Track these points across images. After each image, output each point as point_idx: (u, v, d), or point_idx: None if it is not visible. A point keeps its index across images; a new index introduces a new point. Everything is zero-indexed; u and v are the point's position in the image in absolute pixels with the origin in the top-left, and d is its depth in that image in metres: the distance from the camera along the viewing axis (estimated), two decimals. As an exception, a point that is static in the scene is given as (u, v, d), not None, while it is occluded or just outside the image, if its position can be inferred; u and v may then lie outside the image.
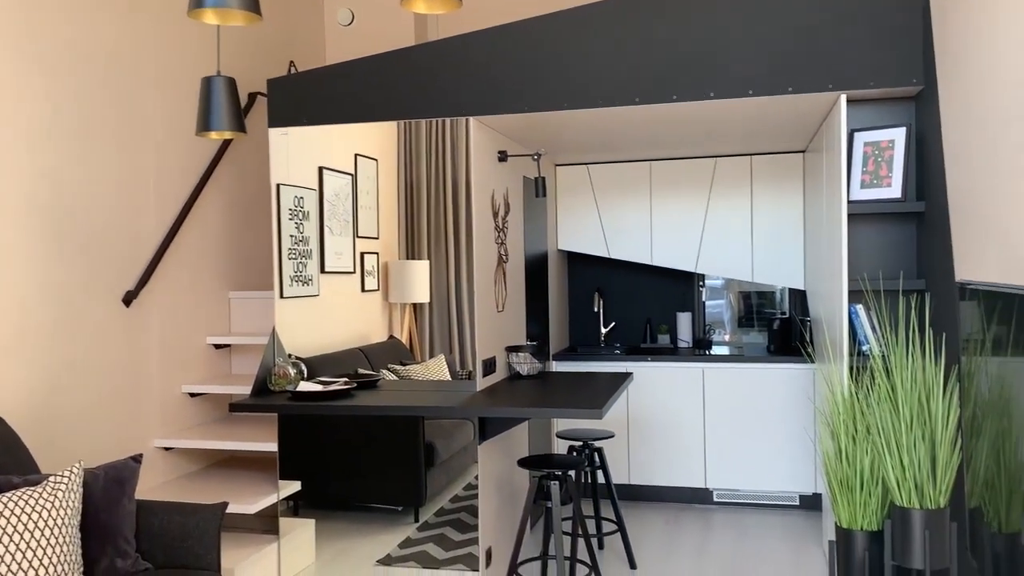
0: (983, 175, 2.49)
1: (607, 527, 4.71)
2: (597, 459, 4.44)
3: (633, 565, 4.08)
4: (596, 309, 5.69)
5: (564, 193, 5.51)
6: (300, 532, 4.10)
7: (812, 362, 4.82)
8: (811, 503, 4.96)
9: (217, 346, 4.50)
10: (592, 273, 5.77)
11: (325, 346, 5.65)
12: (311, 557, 4.18)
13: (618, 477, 5.14)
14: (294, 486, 4.07)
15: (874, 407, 2.66)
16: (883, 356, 2.82)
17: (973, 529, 2.28)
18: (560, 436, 4.30)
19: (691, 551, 4.27)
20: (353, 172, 4.92)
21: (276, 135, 4.16)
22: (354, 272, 6.22)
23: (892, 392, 2.61)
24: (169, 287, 4.08)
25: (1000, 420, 2.20)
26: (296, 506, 5.09)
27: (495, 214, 4.20)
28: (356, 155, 4.74)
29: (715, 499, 5.09)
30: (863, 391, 2.76)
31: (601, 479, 5.19)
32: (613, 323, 5.73)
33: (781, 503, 5.00)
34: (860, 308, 3.45)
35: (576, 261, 5.80)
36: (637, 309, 5.71)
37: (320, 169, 4.60)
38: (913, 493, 2.56)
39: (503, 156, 4.26)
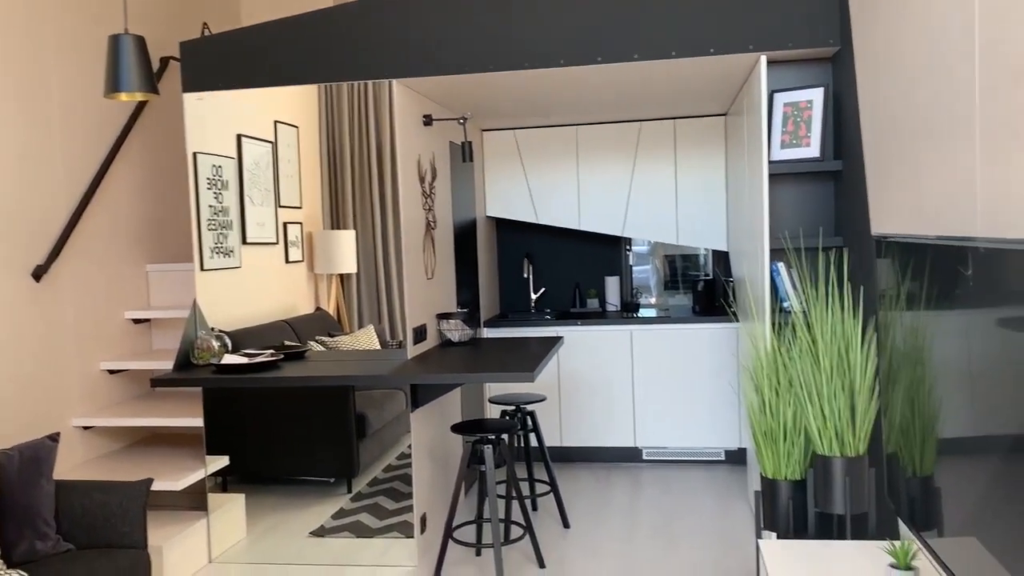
0: (896, 133, 2.57)
1: (540, 488, 4.77)
2: (529, 422, 4.47)
3: (567, 524, 4.14)
4: (526, 275, 5.71)
5: (491, 159, 5.48)
6: (230, 507, 4.03)
7: (736, 321, 4.94)
8: (736, 458, 5.11)
9: (136, 321, 4.35)
10: (521, 239, 5.78)
11: (249, 319, 5.52)
12: (242, 532, 4.12)
13: (550, 439, 5.20)
14: (222, 461, 3.98)
15: (796, 360, 2.74)
16: (804, 312, 2.90)
17: (890, 474, 2.38)
18: (492, 401, 4.32)
19: (622, 508, 4.36)
20: (273, 140, 4.79)
21: (191, 101, 4.01)
22: (277, 243, 6.08)
23: (813, 345, 2.69)
24: (82, 261, 3.91)
25: (914, 369, 2.29)
26: (225, 482, 4.99)
27: (422, 180, 4.14)
28: (276, 122, 4.61)
29: (644, 457, 5.20)
30: (785, 346, 2.84)
31: (534, 442, 5.24)
32: (543, 289, 5.76)
33: (707, 459, 5.14)
34: (781, 266, 3.54)
35: (505, 227, 5.79)
36: (566, 274, 5.75)
37: (238, 137, 4.46)
38: (834, 442, 2.65)
39: (428, 120, 4.20)
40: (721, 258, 5.46)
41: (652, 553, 3.75)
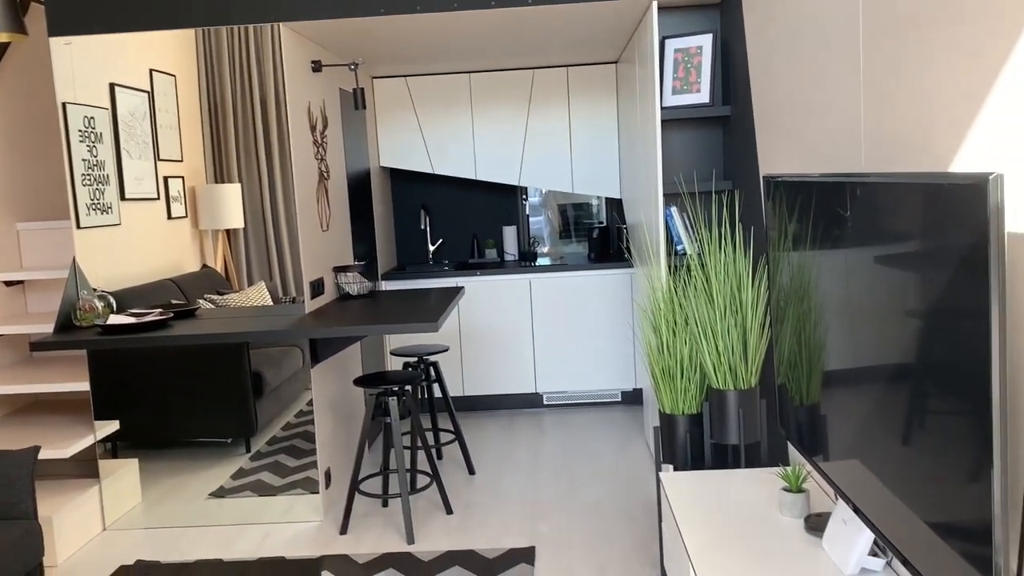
0: (782, 79, 2.66)
1: (445, 438, 4.80)
2: (432, 373, 4.48)
3: (472, 471, 4.20)
4: (423, 227, 5.66)
5: (383, 108, 5.37)
6: (123, 473, 3.88)
7: (631, 267, 5.06)
8: (632, 398, 5.28)
9: (8, 283, 4.08)
10: (416, 190, 5.71)
11: (132, 278, 5.27)
12: (137, 497, 3.98)
13: (453, 390, 5.23)
14: (111, 426, 3.82)
15: (691, 300, 2.84)
16: (699, 253, 3.00)
17: (781, 404, 2.51)
18: (394, 354, 4.29)
19: (525, 453, 4.44)
20: (149, 90, 4.53)
21: (58, 46, 3.73)
22: (158, 198, 5.80)
23: (707, 284, 2.79)
24: (-57, 219, 3.63)
25: (800, 304, 2.41)
26: (115, 447, 4.80)
27: (312, 128, 4.02)
28: (151, 70, 4.36)
29: (545, 402, 5.31)
30: (681, 285, 2.93)
31: (437, 393, 5.26)
32: (441, 240, 5.73)
33: (606, 401, 5.29)
34: (674, 210, 3.64)
35: (399, 178, 5.71)
36: (463, 225, 5.73)
37: (111, 86, 4.21)
38: (728, 376, 2.77)
39: (317, 66, 4.06)
40: (614, 205, 5.56)
41: (556, 493, 3.85)
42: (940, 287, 1.36)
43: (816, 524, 2.22)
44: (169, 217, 5.95)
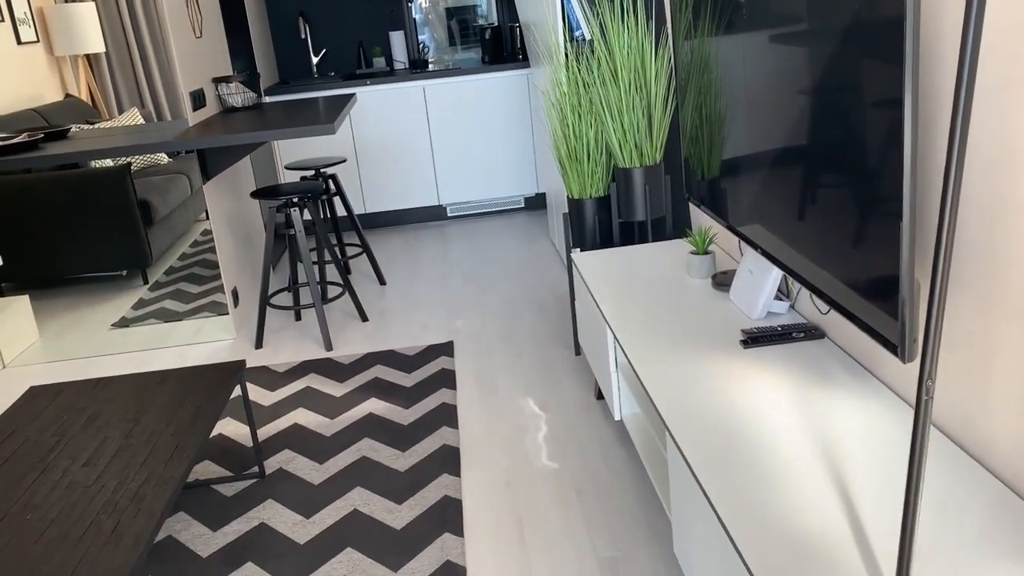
0: None
1: (351, 252, 4.75)
2: (332, 187, 4.35)
3: (383, 282, 4.19)
4: (303, 36, 5.31)
5: (246, -97, 4.86)
6: (14, 311, 3.70)
7: (527, 67, 4.93)
8: (535, 203, 5.31)
9: None
10: (292, -3, 5.31)
11: (-13, 108, 4.81)
12: (34, 335, 3.83)
13: (354, 208, 5.12)
14: (-7, 263, 3.59)
15: (595, 78, 2.80)
16: (601, 31, 2.92)
17: (687, 173, 2.55)
18: (289, 168, 4.13)
19: (434, 261, 4.46)
20: None
21: None
22: (2, 20, 5.21)
23: (611, 60, 2.74)
24: None
25: (701, 77, 2.41)
26: (0, 288, 4.55)
27: (171, -80, 3.61)
28: None
29: (449, 214, 5.28)
30: (584, 67, 2.87)
31: (341, 211, 5.15)
32: (324, 51, 5.41)
33: (509, 208, 5.31)
34: (571, -6, 3.50)
35: (272, -15, 5.28)
36: (347, 33, 5.41)
37: None
38: (634, 153, 2.79)
39: None
40: (505, 5, 5.33)
41: (468, 294, 3.90)
42: (851, 24, 1.36)
43: (723, 280, 2.32)
44: (19, 42, 5.37)
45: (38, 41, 5.64)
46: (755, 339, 1.93)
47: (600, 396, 2.80)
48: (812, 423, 1.59)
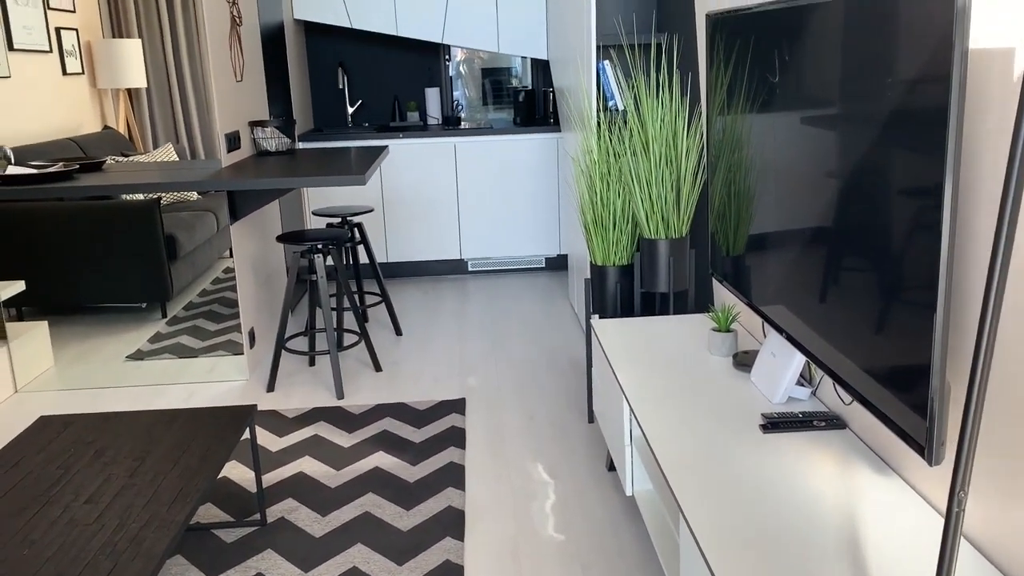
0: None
1: (370, 300, 4.76)
2: (357, 235, 4.38)
3: (399, 332, 4.19)
4: (341, 86, 5.41)
5: (296, -45, 5.01)
6: (31, 336, 3.71)
7: (558, 131, 4.99)
8: (556, 264, 5.32)
9: None
10: (334, 47, 5.42)
11: (26, 136, 4.92)
12: (49, 361, 3.84)
13: (376, 257, 5.15)
14: (16, 287, 3.62)
15: (626, 151, 2.82)
16: (635, 100, 2.95)
17: (713, 249, 2.55)
18: (316, 214, 4.17)
19: (451, 315, 4.45)
20: (33, -74, 4.09)
21: None
22: (51, 51, 5.35)
23: (643, 131, 2.76)
24: None
25: (732, 154, 2.42)
26: (20, 312, 4.58)
27: (224, -32, 3.72)
28: (35, -97, 3.93)
29: (469, 268, 5.29)
30: (616, 137, 2.90)
31: (364, 258, 5.18)
32: (360, 101, 5.50)
33: (530, 266, 5.31)
34: (607, 64, 3.56)
35: (315, 33, 5.40)
36: (384, 86, 5.51)
37: (-10, -85, 3.78)
38: (660, 225, 2.79)
39: (226, -101, 3.72)
40: (539, 68, 5.42)
41: (483, 351, 3.88)
42: (891, 111, 1.36)
43: (744, 360, 2.30)
44: (64, 73, 5.51)
45: (83, 73, 5.78)
46: (775, 424, 1.89)
47: (612, 467, 2.75)
48: (830, 518, 1.54)
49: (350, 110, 5.43)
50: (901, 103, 1.33)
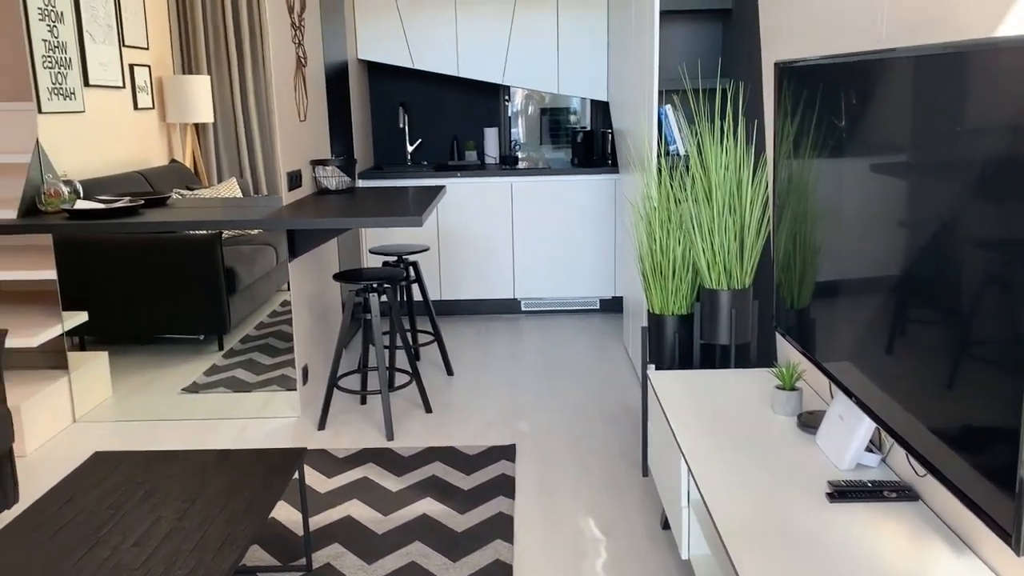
0: (798, -39, 2.51)
1: (423, 339, 4.74)
2: (412, 273, 4.38)
3: (450, 372, 4.15)
4: (402, 125, 5.47)
5: (362, -3, 5.10)
6: (92, 365, 3.78)
7: (616, 172, 4.95)
8: (611, 306, 5.25)
9: (-35, 166, 3.87)
10: (396, 87, 5.49)
11: (97, 168, 5.06)
12: (108, 391, 3.90)
13: (431, 295, 5.15)
14: (79, 317, 3.69)
15: (688, 195, 2.76)
16: (698, 147, 2.89)
17: (778, 302, 2.46)
18: (373, 252, 4.18)
19: (503, 355, 4.41)
20: (112, -32, 4.25)
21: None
22: (124, 87, 5.52)
23: (705, 178, 2.70)
24: None
25: (798, 204, 2.34)
26: (83, 341, 4.68)
27: (290, 9, 3.80)
28: (115, -54, 4.08)
29: (523, 308, 5.25)
30: (677, 183, 2.84)
31: (417, 296, 5.18)
32: (420, 140, 5.55)
33: (584, 308, 5.25)
34: (669, 109, 3.51)
35: (378, 73, 5.48)
36: (443, 125, 5.55)
37: (72, -41, 3.93)
38: (722, 275, 2.72)
39: (296, -56, 3.81)
40: (599, 109, 5.40)
41: (536, 395, 3.83)
42: (973, 173, 1.28)
43: (809, 421, 2.20)
44: (136, 108, 5.68)
45: (153, 107, 5.96)
46: (843, 493, 1.80)
47: (666, 526, 2.66)
48: (905, 601, 1.44)
49: (410, 148, 5.48)
50: (985, 153, 1.26)
